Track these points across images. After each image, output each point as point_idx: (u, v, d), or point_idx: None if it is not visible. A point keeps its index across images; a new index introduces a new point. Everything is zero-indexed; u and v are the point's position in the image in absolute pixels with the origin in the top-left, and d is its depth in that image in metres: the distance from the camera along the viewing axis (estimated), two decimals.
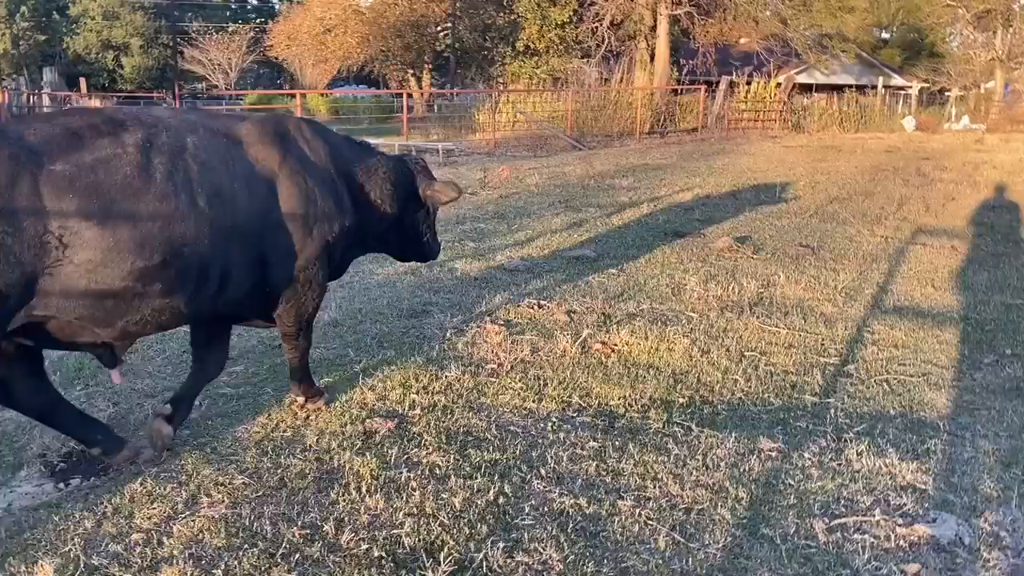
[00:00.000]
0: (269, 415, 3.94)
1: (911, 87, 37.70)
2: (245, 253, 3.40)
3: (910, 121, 27.20)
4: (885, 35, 52.55)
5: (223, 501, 3.14)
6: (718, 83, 26.57)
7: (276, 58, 40.79)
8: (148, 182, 3.02)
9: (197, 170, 3.18)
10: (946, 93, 39.06)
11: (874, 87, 32.69)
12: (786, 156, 17.19)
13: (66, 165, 2.86)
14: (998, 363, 4.89)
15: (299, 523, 2.98)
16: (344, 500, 3.15)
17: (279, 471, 3.38)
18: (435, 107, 33.03)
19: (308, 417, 3.90)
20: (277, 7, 53.28)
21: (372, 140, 17.51)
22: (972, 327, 5.55)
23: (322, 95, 36.50)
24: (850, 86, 30.76)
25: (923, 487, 3.33)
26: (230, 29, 46.25)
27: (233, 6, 56.59)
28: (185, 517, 3.03)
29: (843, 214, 9.91)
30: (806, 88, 31.49)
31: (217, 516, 3.03)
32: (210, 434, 3.76)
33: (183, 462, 3.46)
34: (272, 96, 34.49)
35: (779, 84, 26.93)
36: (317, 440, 3.66)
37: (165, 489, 3.24)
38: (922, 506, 3.17)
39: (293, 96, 20.71)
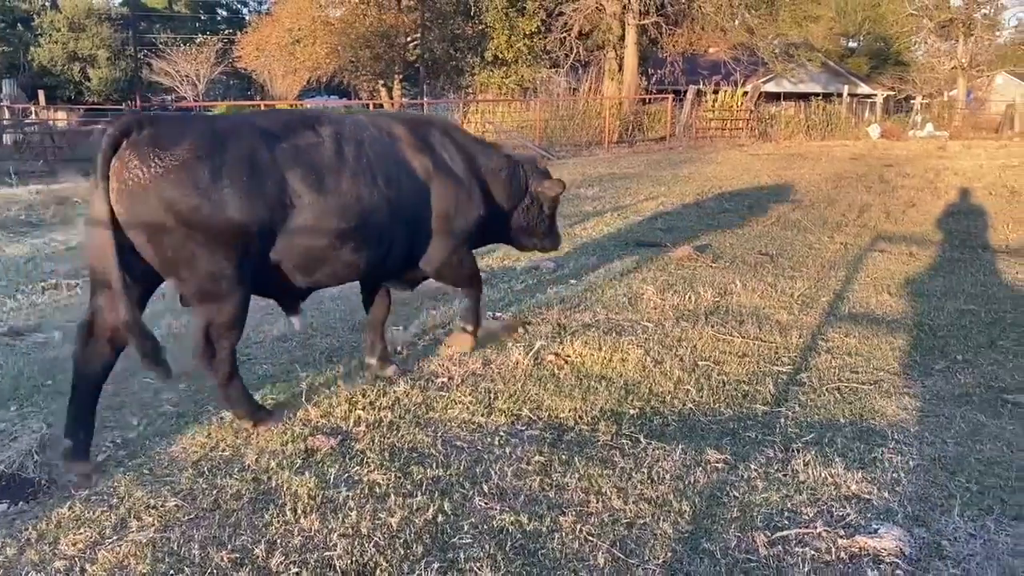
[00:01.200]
0: (209, 434, 3.84)
1: (877, 95, 38.27)
2: (403, 228, 4.18)
3: (875, 129, 27.56)
4: (852, 44, 53.31)
5: (153, 525, 3.05)
6: (686, 92, 26.77)
7: (245, 69, 40.52)
8: (343, 164, 3.86)
9: (373, 158, 4.01)
10: (911, 101, 39.66)
11: (840, 95, 33.12)
12: (752, 164, 17.31)
13: (290, 145, 3.73)
14: (949, 369, 4.90)
15: (229, 547, 2.89)
16: (278, 521, 3.07)
17: (214, 492, 3.29)
18: None
19: (249, 436, 3.81)
20: (246, 18, 53.00)
21: None
22: (925, 333, 5.58)
23: (292, 106, 36.26)
24: (817, 94, 31.14)
25: (867, 497, 3.31)
26: (198, 40, 45.85)
27: (202, 17, 56.21)
28: (112, 542, 2.93)
29: (804, 221, 9.97)
30: (773, 97, 31.83)
31: (145, 541, 2.94)
32: (146, 454, 3.66)
33: (115, 484, 3.36)
34: (242, 107, 34.23)
35: (746, 93, 27.18)
36: (256, 459, 3.57)
37: (94, 513, 3.14)
38: (865, 516, 3.14)
39: (260, 107, 20.59)
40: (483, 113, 24.87)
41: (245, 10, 57.66)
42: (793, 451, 3.70)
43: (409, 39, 37.51)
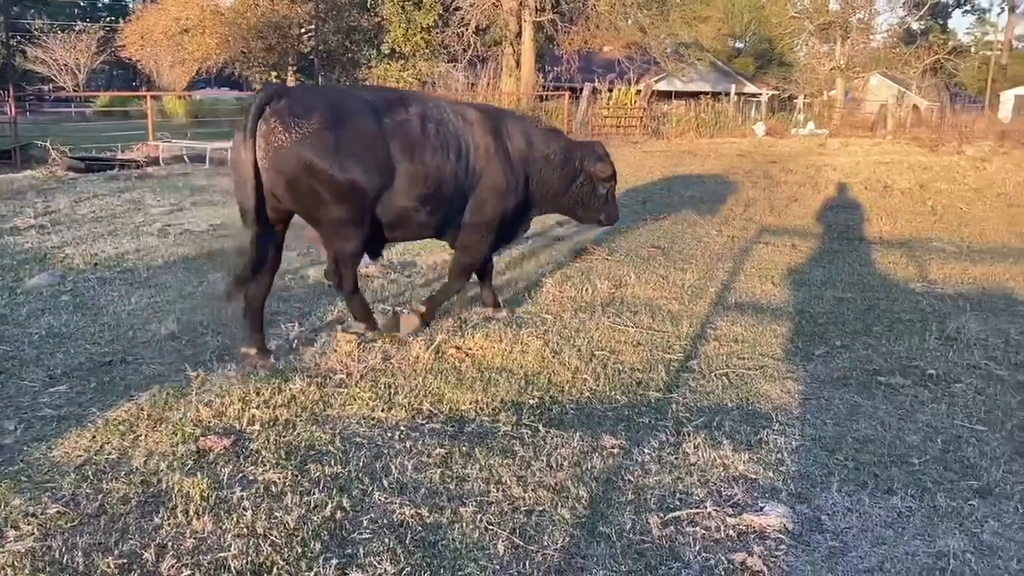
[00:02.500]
0: (94, 437, 3.67)
1: (762, 94, 39.87)
2: (463, 198, 4.98)
3: (760, 127, 28.71)
4: (739, 45, 55.37)
5: (32, 534, 2.89)
6: (582, 90, 27.18)
7: (129, 59, 38.68)
8: (428, 138, 4.65)
9: (449, 135, 4.78)
10: (794, 100, 41.50)
11: (728, 94, 34.32)
12: (645, 161, 17.74)
13: (389, 119, 4.55)
14: (828, 354, 5.18)
15: (116, 552, 2.78)
16: (169, 524, 2.97)
17: (99, 497, 3.15)
18: None
19: (136, 438, 3.66)
20: (129, 6, 50.63)
21: (230, 144, 16.74)
22: (806, 320, 5.87)
23: (180, 97, 34.91)
24: (706, 93, 32.16)
25: (754, 477, 3.46)
26: (77, 28, 43.56)
27: (81, 3, 53.44)
28: None
29: (694, 216, 10.32)
30: (665, 95, 32.70)
31: (23, 550, 2.78)
32: (24, 460, 3.46)
33: None
34: (126, 98, 32.70)
35: (639, 91, 27.82)
36: (144, 462, 3.44)
37: None
38: (751, 496, 3.29)
39: (146, 98, 19.64)
40: None
41: None
42: (684, 435, 3.84)
43: (303, 30, 36.70)
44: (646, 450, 3.67)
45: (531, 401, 4.24)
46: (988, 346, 5.30)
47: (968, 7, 53.86)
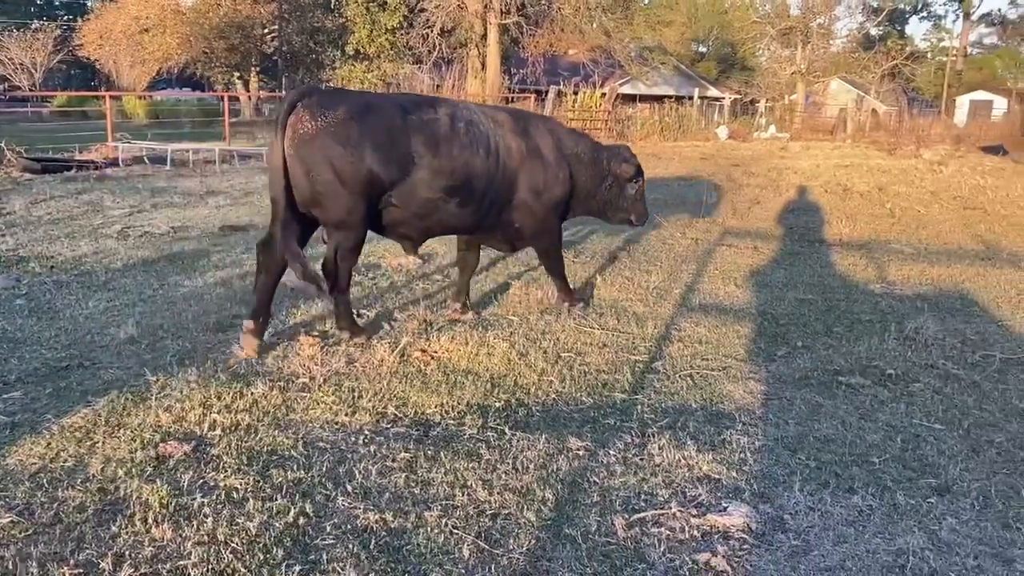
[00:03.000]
0: (49, 444, 3.58)
1: (725, 98, 40.29)
2: (497, 194, 5.22)
3: (723, 130, 29.04)
4: (702, 49, 55.90)
5: None
6: (547, 92, 27.27)
7: (88, 58, 38.01)
8: (455, 135, 4.93)
9: (479, 135, 5.06)
10: (756, 104, 42.05)
11: (691, 98, 34.67)
12: None
13: (415, 117, 4.84)
14: (790, 355, 5.24)
15: (72, 562, 2.72)
16: (127, 532, 2.91)
17: (55, 506, 3.08)
18: (263, 111, 31.88)
19: (93, 444, 3.59)
20: (88, 4, 49.73)
21: (192, 145, 16.56)
22: (768, 322, 5.94)
23: (140, 98, 34.35)
24: (670, 97, 32.50)
25: (717, 477, 3.49)
26: (33, 26, 42.66)
27: (38, 1, 52.37)
28: None
29: (658, 218, 10.38)
30: (630, 98, 32.93)
31: None
32: None
33: None
34: (84, 98, 32.08)
35: (604, 94, 27.98)
36: (102, 469, 3.36)
37: None
38: (715, 496, 3.32)
39: (105, 98, 19.22)
40: None
41: None
42: (649, 436, 3.85)
43: (266, 31, 36.37)
44: (611, 451, 3.68)
45: (497, 404, 4.22)
46: (945, 346, 5.40)
47: (925, 14, 55.03)
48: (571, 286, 6.17)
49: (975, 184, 15.26)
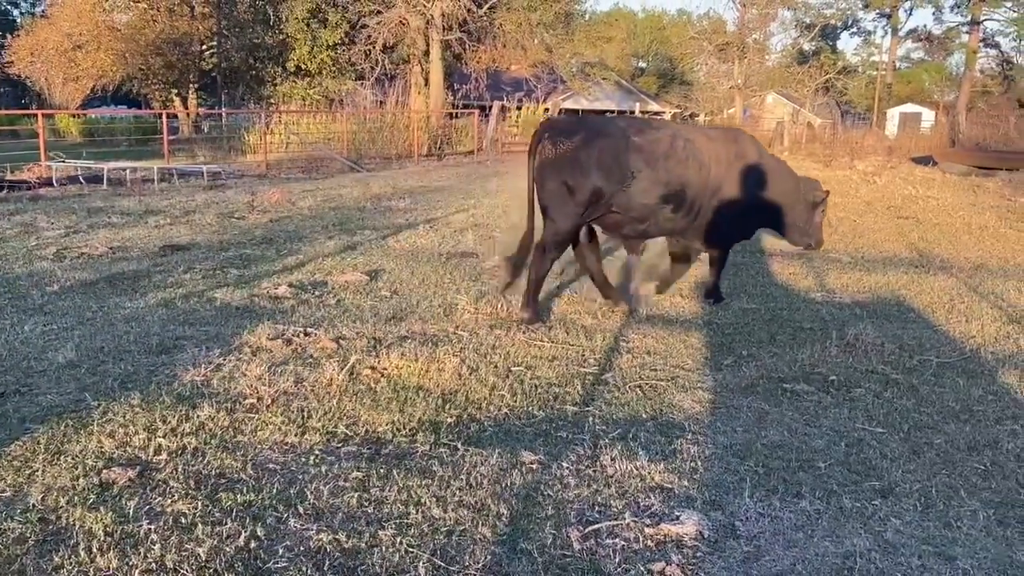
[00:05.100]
0: None
1: (665, 112, 41.00)
2: (705, 203, 6.16)
3: None
4: (642, 64, 56.86)
5: None
6: (491, 108, 27.40)
7: (18, 76, 36.90)
8: (674, 152, 5.97)
9: (693, 153, 6.03)
10: (695, 118, 42.88)
11: (632, 112, 35.17)
12: None
13: (638, 139, 5.92)
14: (736, 364, 5.34)
15: None
16: (70, 563, 2.81)
17: None
18: (202, 128, 31.34)
19: (33, 473, 3.47)
20: (17, 21, 48.31)
21: (129, 164, 16.13)
22: (714, 331, 6.04)
23: (74, 116, 33.46)
24: (612, 111, 32.89)
25: (669, 486, 3.53)
26: None
27: None
28: None
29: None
30: (573, 113, 33.25)
31: None
32: None
33: None
34: (15, 116, 31.10)
35: (547, 109, 28.25)
36: (42, 498, 3.25)
37: None
38: (668, 505, 3.35)
39: (38, 116, 18.65)
40: (287, 124, 24.17)
41: (16, 12, 52.56)
42: (601, 447, 3.88)
43: (204, 47, 35.83)
44: (565, 464, 3.70)
45: (449, 420, 4.21)
46: (884, 352, 5.56)
47: (855, 29, 56.76)
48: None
49: (907, 194, 15.79)
